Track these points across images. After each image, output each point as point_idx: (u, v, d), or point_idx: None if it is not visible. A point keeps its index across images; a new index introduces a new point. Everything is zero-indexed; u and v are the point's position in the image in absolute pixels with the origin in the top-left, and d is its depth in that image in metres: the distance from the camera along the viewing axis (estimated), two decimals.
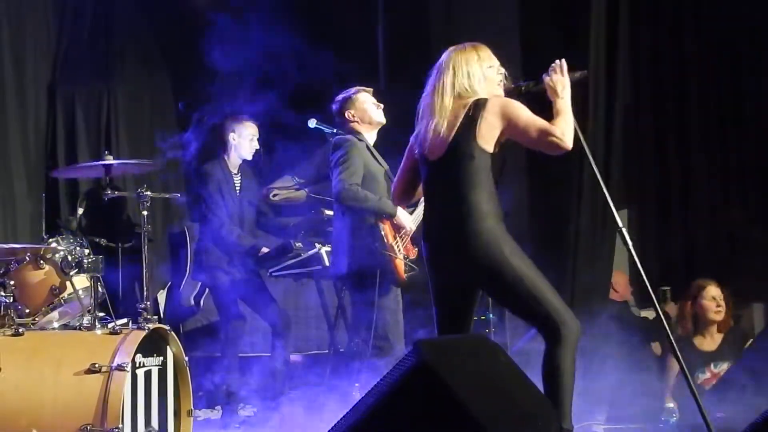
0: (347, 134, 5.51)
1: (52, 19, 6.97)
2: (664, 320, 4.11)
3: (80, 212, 5.01)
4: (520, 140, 4.01)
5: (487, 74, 4.09)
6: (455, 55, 4.10)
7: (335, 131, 5.69)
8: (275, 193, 6.83)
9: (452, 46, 4.21)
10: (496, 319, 6.45)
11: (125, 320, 4.59)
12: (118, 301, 5.77)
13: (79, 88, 6.99)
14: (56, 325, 4.58)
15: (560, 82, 4.06)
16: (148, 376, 4.33)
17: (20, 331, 4.27)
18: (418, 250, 5.49)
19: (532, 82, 4.18)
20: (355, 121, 5.57)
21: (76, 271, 4.50)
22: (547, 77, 4.08)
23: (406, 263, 5.33)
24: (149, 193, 4.96)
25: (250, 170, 6.36)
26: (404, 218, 5.37)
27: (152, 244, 6.05)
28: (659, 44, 7.17)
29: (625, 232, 4.14)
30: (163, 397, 4.44)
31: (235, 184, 6.17)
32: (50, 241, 4.59)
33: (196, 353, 5.89)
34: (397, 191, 4.42)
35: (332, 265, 5.61)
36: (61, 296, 4.51)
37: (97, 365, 4.09)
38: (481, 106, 3.99)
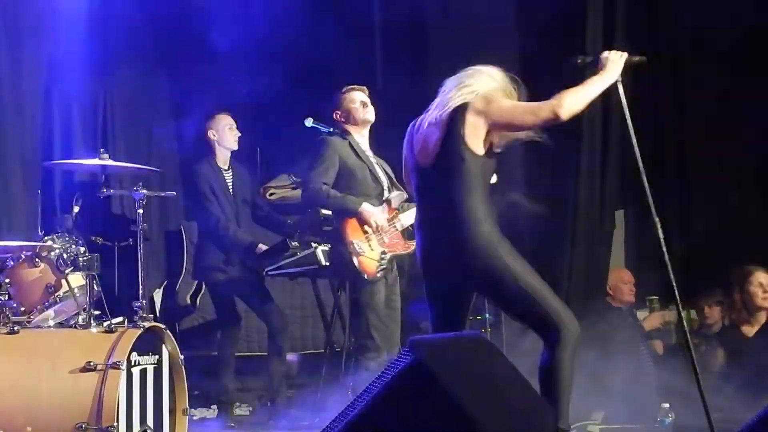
0: (338, 133, 5.62)
1: (48, 17, 6.95)
2: (684, 322, 4.08)
3: (76, 210, 4.98)
4: (512, 126, 3.93)
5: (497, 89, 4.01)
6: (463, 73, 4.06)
7: (331, 130, 5.72)
8: (272, 192, 6.83)
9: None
10: (492, 319, 6.44)
11: (121, 318, 4.58)
12: (113, 299, 5.75)
13: (75, 87, 6.98)
14: (52, 323, 4.58)
15: (614, 60, 4.00)
16: (143, 374, 4.33)
17: (15, 329, 4.27)
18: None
19: (589, 57, 4.15)
20: (341, 120, 5.65)
21: (71, 269, 4.50)
22: (605, 53, 4.03)
23: (379, 261, 5.37)
24: (145, 191, 4.95)
25: (242, 168, 6.35)
26: (371, 214, 5.40)
27: (148, 242, 6.04)
28: (657, 43, 7.17)
29: (659, 229, 4.10)
30: (158, 395, 4.44)
31: (226, 181, 6.18)
32: (46, 239, 4.59)
33: (191, 352, 5.87)
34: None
35: (331, 263, 5.68)
36: (56, 294, 4.51)
37: (92, 363, 4.09)
38: (463, 108, 3.93)
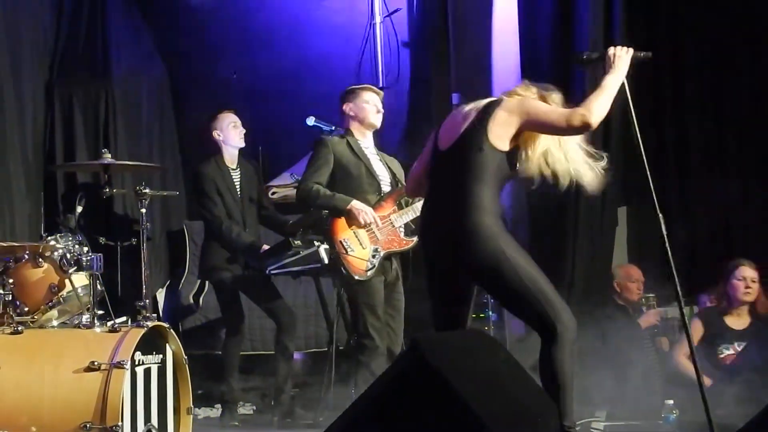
0: (340, 131, 5.61)
1: (49, 18, 6.96)
2: (686, 321, 4.07)
3: (79, 210, 4.99)
4: (543, 129, 3.95)
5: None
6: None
7: (333, 128, 5.72)
8: (273, 191, 6.84)
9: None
10: (495, 316, 6.44)
11: (124, 318, 4.58)
12: (117, 299, 5.76)
13: (76, 86, 6.99)
14: (55, 323, 4.57)
15: (621, 57, 4.01)
16: (147, 373, 4.33)
17: (19, 329, 4.27)
18: (413, 242, 5.52)
19: (595, 53, 4.14)
20: (350, 115, 5.63)
21: (75, 269, 4.49)
22: (611, 49, 4.04)
23: (369, 260, 5.37)
24: (148, 190, 4.95)
25: (251, 167, 6.35)
26: (359, 212, 5.40)
27: (151, 242, 6.05)
28: (657, 41, 7.17)
29: (663, 226, 4.09)
30: (162, 394, 4.43)
31: (234, 180, 6.16)
32: (49, 239, 4.58)
33: (194, 351, 5.88)
34: (410, 181, 4.42)
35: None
36: (60, 294, 4.50)
37: (96, 363, 4.09)
38: (495, 103, 3.99)
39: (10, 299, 4.39)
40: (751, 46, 7.09)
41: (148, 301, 4.71)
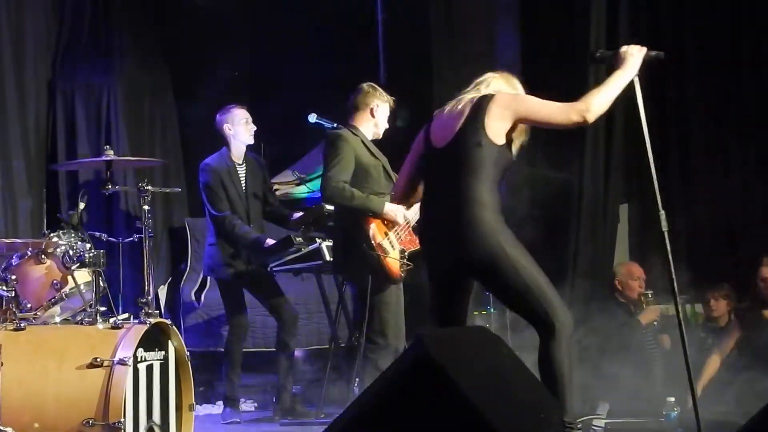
0: (344, 128, 5.50)
1: (51, 15, 6.97)
2: (679, 315, 4.07)
3: (81, 207, 4.98)
4: (538, 124, 3.95)
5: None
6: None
7: (335, 125, 5.68)
8: (276, 188, 6.83)
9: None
10: (497, 313, 6.45)
11: (127, 315, 4.58)
12: (119, 295, 5.77)
13: (78, 83, 6.99)
14: (58, 319, 4.57)
15: (633, 54, 3.98)
16: (149, 370, 4.33)
17: (22, 325, 4.27)
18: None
19: (609, 51, 4.11)
20: (372, 116, 5.48)
21: (77, 265, 4.49)
22: (624, 47, 4.01)
23: (402, 260, 5.31)
24: (150, 187, 4.95)
25: (257, 163, 6.34)
26: (396, 212, 5.30)
27: (153, 238, 6.05)
28: (660, 39, 7.17)
29: (663, 222, 4.09)
30: (164, 391, 4.44)
31: (239, 176, 6.16)
32: (51, 235, 4.58)
33: (195, 348, 5.88)
34: (399, 187, 4.40)
35: (333, 259, 5.63)
36: (62, 291, 4.51)
37: (98, 360, 4.09)
38: (488, 98, 3.97)
39: (12, 296, 4.39)
40: (753, 46, 7.08)
41: (150, 297, 4.70)
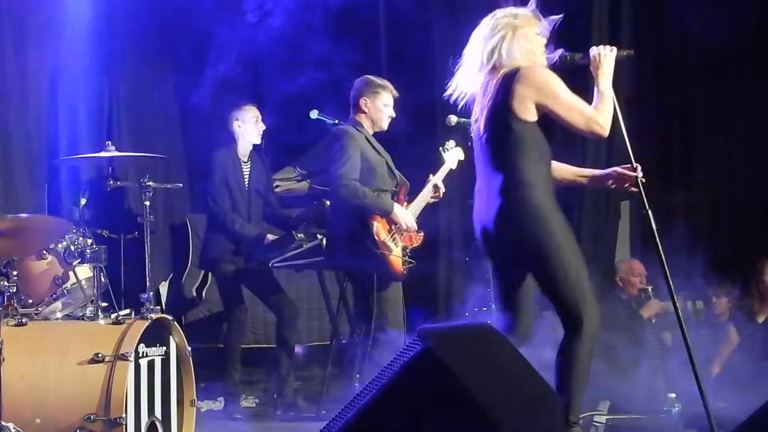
0: (347, 124, 5.51)
1: (54, 11, 6.96)
2: (678, 311, 4.08)
3: (83, 203, 4.99)
4: (558, 119, 3.90)
5: (531, 43, 3.97)
6: (499, 20, 3.98)
7: (336, 122, 5.69)
8: (277, 184, 6.84)
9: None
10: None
11: (128, 310, 4.58)
12: (120, 291, 5.77)
13: (80, 79, 6.98)
14: (59, 315, 4.58)
15: (607, 56, 3.97)
16: (151, 366, 4.34)
17: (23, 321, 4.27)
18: (422, 236, 5.51)
19: (578, 54, 4.08)
20: (364, 111, 5.53)
21: (78, 261, 4.49)
22: (594, 50, 4.00)
23: (404, 257, 5.32)
24: (152, 183, 4.95)
25: (261, 160, 6.35)
26: (402, 215, 5.35)
27: (154, 234, 6.05)
28: (663, 36, 7.17)
29: (652, 219, 4.08)
30: (166, 387, 4.45)
31: (244, 173, 6.17)
32: None
33: (197, 344, 5.88)
34: None
35: (329, 255, 5.61)
36: (64, 286, 4.51)
37: (100, 355, 4.10)
38: (510, 77, 3.89)
39: (14, 291, 4.39)
40: (757, 48, 7.08)
41: (151, 293, 4.71)
